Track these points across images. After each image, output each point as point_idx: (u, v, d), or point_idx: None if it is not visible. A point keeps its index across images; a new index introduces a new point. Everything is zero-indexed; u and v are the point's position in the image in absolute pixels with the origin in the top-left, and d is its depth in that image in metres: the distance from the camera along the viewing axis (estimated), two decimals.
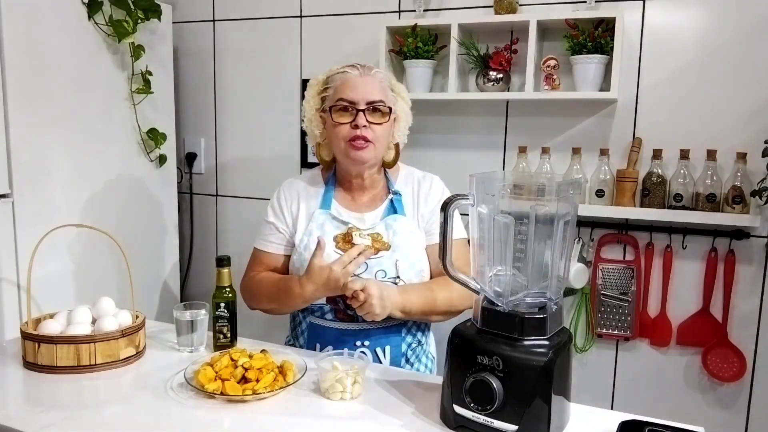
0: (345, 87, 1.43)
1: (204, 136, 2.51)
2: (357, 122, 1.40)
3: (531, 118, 2.02)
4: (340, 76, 1.45)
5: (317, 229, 1.47)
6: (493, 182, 1.05)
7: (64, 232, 1.80)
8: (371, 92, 1.42)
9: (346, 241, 1.44)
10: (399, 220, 1.48)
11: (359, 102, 1.41)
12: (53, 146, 1.84)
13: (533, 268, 1.03)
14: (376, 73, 1.46)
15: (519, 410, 0.97)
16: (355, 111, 1.41)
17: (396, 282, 1.42)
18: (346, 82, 1.43)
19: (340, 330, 1.44)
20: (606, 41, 1.77)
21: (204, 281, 2.58)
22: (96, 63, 1.96)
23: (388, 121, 1.44)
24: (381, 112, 1.43)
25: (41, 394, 1.19)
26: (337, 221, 1.48)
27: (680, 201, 1.81)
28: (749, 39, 1.76)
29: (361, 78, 1.44)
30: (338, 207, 1.51)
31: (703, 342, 1.88)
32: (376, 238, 1.45)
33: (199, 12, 2.45)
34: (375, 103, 1.42)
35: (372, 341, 1.44)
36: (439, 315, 1.45)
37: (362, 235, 1.44)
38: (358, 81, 1.43)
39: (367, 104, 1.41)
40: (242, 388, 1.14)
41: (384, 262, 1.42)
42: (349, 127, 1.41)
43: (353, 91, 1.42)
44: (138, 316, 1.39)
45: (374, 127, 1.42)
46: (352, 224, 1.47)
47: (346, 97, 1.42)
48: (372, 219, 1.49)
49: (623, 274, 1.95)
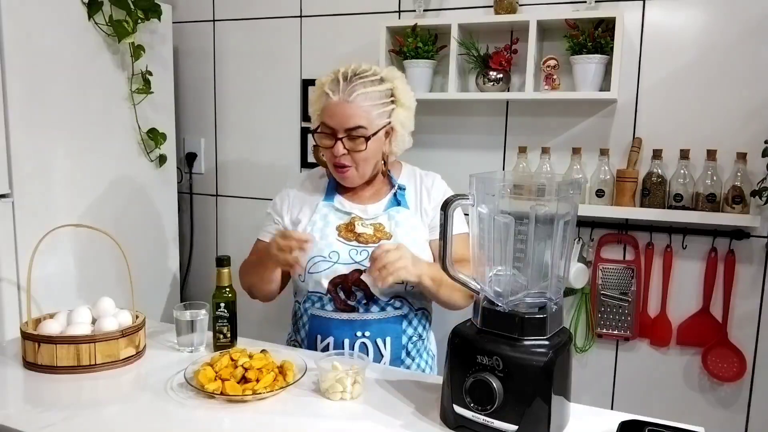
0: (325, 113, 1.43)
1: (204, 136, 2.51)
2: (334, 151, 1.42)
3: (531, 118, 2.02)
4: (324, 99, 1.44)
5: (321, 220, 1.49)
6: (493, 182, 1.05)
7: (64, 232, 1.80)
8: (349, 119, 1.40)
9: (349, 230, 1.46)
10: (402, 212, 1.50)
11: (338, 130, 1.41)
12: (53, 146, 1.84)
13: (533, 268, 1.03)
14: (356, 98, 1.39)
15: (519, 410, 0.97)
16: (334, 139, 1.42)
17: None
18: (327, 108, 1.43)
19: (340, 320, 1.45)
20: (606, 41, 1.77)
21: (204, 281, 2.58)
22: (96, 63, 1.96)
23: (367, 148, 1.42)
24: (362, 137, 1.41)
25: (41, 394, 1.19)
26: (340, 212, 1.50)
27: (680, 201, 1.81)
28: (749, 39, 1.76)
29: (340, 105, 1.40)
30: (341, 199, 1.53)
31: (703, 342, 1.88)
32: (378, 227, 1.47)
33: (199, 12, 2.45)
34: (353, 130, 1.41)
35: (372, 332, 1.44)
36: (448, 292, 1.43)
37: (365, 224, 1.46)
38: (337, 108, 1.41)
39: (346, 131, 1.41)
40: (242, 388, 1.14)
41: None
42: (331, 152, 1.44)
43: (331, 119, 1.42)
44: (138, 316, 1.39)
45: (354, 154, 1.43)
46: (355, 214, 1.49)
47: (327, 122, 1.43)
48: (375, 210, 1.51)
49: (623, 274, 1.95)
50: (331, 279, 1.44)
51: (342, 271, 1.44)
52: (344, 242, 1.45)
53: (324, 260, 1.44)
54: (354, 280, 1.43)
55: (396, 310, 1.46)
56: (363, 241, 1.45)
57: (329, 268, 1.44)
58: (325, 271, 1.44)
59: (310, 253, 1.45)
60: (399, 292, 1.46)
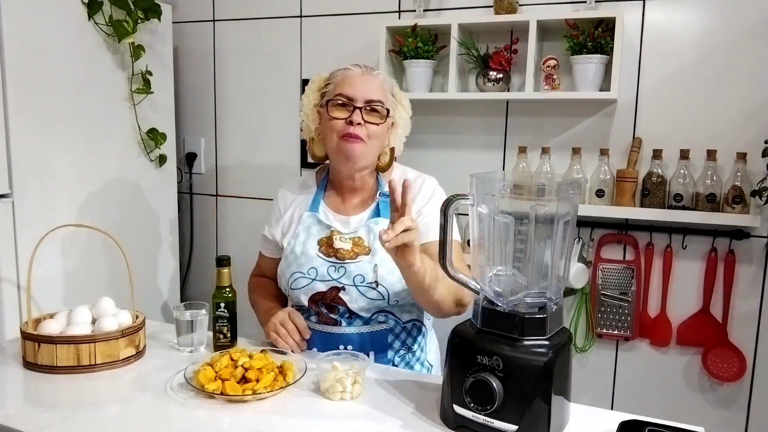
0: (345, 83, 1.42)
1: (204, 136, 2.51)
2: (352, 118, 1.39)
3: (531, 118, 2.02)
4: (341, 72, 1.45)
5: (303, 232, 1.47)
6: (493, 182, 1.05)
7: (64, 232, 1.80)
8: (371, 91, 1.41)
9: (329, 245, 1.44)
10: (381, 224, 1.43)
11: (358, 99, 1.40)
12: (53, 146, 1.84)
13: (533, 268, 1.03)
14: (379, 74, 1.46)
15: (519, 410, 0.97)
16: (352, 108, 1.40)
17: (375, 287, 1.40)
18: (347, 79, 1.43)
19: (323, 332, 1.44)
20: (606, 41, 1.77)
21: (204, 281, 2.58)
22: (96, 63, 1.96)
23: (384, 122, 1.43)
24: (378, 113, 1.42)
25: (41, 394, 1.19)
26: (322, 225, 1.47)
27: (680, 201, 1.81)
28: (749, 39, 1.76)
29: (363, 76, 1.43)
30: (326, 210, 1.50)
31: (703, 342, 1.88)
32: (356, 242, 1.43)
33: (199, 12, 2.45)
34: (373, 102, 1.41)
35: (355, 346, 1.42)
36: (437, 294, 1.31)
37: (343, 239, 1.43)
38: (359, 79, 1.43)
39: (366, 102, 1.40)
40: (242, 388, 1.14)
41: (363, 266, 1.40)
42: (344, 122, 1.40)
43: (353, 88, 1.41)
44: (138, 316, 1.39)
45: (369, 126, 1.41)
46: (334, 228, 1.46)
47: (345, 93, 1.41)
48: (356, 223, 1.47)
49: (623, 274, 1.95)
50: (310, 296, 1.43)
51: (320, 288, 1.42)
52: (324, 258, 1.43)
53: (303, 276, 1.43)
54: (332, 298, 1.41)
55: (380, 324, 1.44)
56: (341, 257, 1.42)
57: (308, 285, 1.42)
58: (304, 288, 1.43)
59: (291, 269, 1.45)
60: (383, 306, 1.42)
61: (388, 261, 1.40)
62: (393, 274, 1.40)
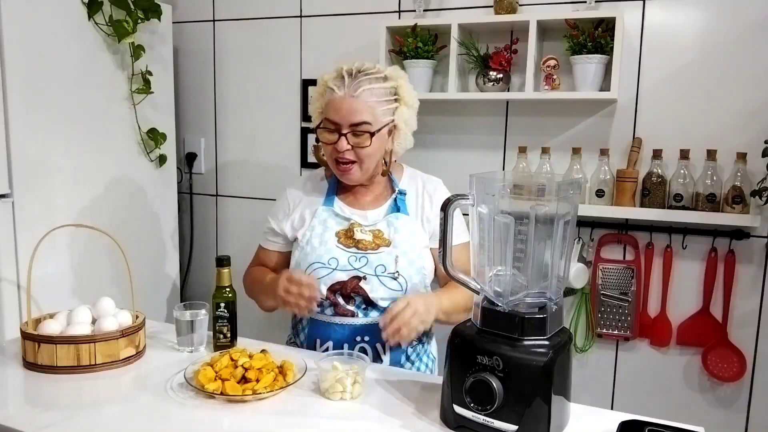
0: (329, 108, 1.42)
1: (204, 136, 2.51)
2: (337, 146, 1.41)
3: (531, 118, 2.02)
4: (328, 94, 1.43)
5: (320, 225, 1.49)
6: (493, 182, 1.05)
7: (64, 232, 1.80)
8: (354, 114, 1.39)
9: (348, 236, 1.46)
10: (401, 219, 1.49)
11: (343, 125, 1.40)
12: (53, 146, 1.84)
13: (533, 268, 1.03)
14: (363, 92, 1.39)
15: (519, 410, 0.97)
16: (338, 135, 1.41)
17: (395, 277, 1.43)
18: (331, 103, 1.42)
19: (339, 325, 1.45)
20: (606, 41, 1.77)
21: (204, 281, 2.58)
22: (96, 63, 1.96)
23: (372, 143, 1.42)
24: (366, 133, 1.41)
25: (41, 394, 1.19)
26: (340, 217, 1.50)
27: (680, 201, 1.81)
28: (749, 39, 1.76)
29: (346, 100, 1.39)
30: (341, 204, 1.53)
31: (703, 342, 1.88)
32: (377, 234, 1.46)
33: (199, 12, 2.45)
34: (357, 126, 1.40)
35: (372, 337, 1.44)
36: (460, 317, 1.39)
37: (364, 231, 1.46)
38: (342, 103, 1.39)
39: (350, 127, 1.40)
40: (242, 388, 1.14)
41: (384, 257, 1.44)
42: (333, 148, 1.42)
43: (337, 114, 1.40)
44: (138, 316, 1.39)
45: (358, 149, 1.42)
46: (354, 220, 1.48)
47: (331, 118, 1.42)
48: (374, 216, 1.51)
49: (623, 274, 1.95)
50: (329, 286, 1.44)
51: (341, 277, 1.43)
52: (343, 249, 1.45)
53: (323, 267, 1.44)
54: (353, 287, 1.43)
55: None
56: (362, 248, 1.44)
57: (328, 275, 1.43)
58: (323, 277, 1.44)
59: (309, 259, 1.45)
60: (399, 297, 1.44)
61: (408, 252, 1.45)
62: (412, 266, 1.45)
